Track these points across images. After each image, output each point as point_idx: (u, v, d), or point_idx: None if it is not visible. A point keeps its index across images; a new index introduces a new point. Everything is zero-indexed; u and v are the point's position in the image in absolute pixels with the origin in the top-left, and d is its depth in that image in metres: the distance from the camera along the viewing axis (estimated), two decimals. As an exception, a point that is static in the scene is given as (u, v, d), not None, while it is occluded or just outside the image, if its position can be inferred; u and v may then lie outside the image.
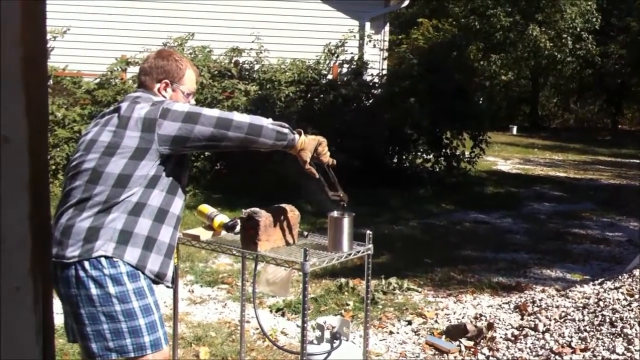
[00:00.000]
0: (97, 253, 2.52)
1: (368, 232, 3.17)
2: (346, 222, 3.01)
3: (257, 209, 3.01)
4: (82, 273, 2.51)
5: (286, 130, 2.77)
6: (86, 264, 2.51)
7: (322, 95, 11.78)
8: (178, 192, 2.72)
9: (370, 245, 3.16)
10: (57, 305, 5.12)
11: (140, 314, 2.55)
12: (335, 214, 3.05)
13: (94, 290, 2.51)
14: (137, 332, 2.55)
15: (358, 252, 3.10)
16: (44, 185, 0.87)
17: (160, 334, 2.62)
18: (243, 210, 3.12)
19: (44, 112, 0.85)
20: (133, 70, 11.42)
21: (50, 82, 10.94)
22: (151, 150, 2.60)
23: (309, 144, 2.85)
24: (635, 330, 4.32)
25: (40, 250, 0.87)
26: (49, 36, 11.34)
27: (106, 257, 2.53)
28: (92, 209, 2.57)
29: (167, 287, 2.79)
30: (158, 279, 2.66)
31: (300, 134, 2.83)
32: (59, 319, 4.92)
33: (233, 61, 12.03)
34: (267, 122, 2.73)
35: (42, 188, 0.86)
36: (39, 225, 0.86)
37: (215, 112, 2.69)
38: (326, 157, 2.93)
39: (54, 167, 9.99)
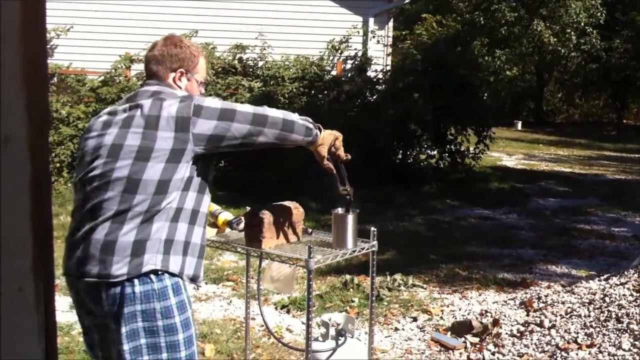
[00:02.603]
0: (146, 268, 2.38)
1: (372, 228, 3.16)
2: (350, 218, 3.00)
3: (261, 207, 3.00)
4: (129, 290, 2.37)
5: (311, 126, 2.70)
6: (135, 281, 2.37)
7: (325, 92, 11.77)
8: (206, 190, 2.59)
9: (375, 242, 3.15)
10: (60, 303, 5.11)
11: (180, 329, 2.44)
12: (339, 210, 3.04)
13: (139, 307, 2.37)
14: (175, 347, 2.44)
15: (362, 249, 3.09)
16: (45, 185, 0.87)
17: (194, 348, 2.53)
18: (247, 207, 3.11)
19: (44, 111, 0.84)
20: (137, 67, 11.45)
21: (55, 79, 10.98)
22: (187, 151, 2.44)
23: (327, 139, 2.78)
24: (641, 325, 4.31)
25: (42, 250, 0.86)
26: (52, 34, 11.39)
27: (154, 270, 2.40)
28: (133, 220, 2.39)
29: (198, 287, 2.69)
30: (193, 282, 2.56)
31: (320, 130, 2.76)
32: (62, 317, 4.94)
33: (237, 58, 12.05)
34: (297, 118, 2.65)
35: (44, 188, 0.86)
36: (40, 225, 0.85)
37: (249, 108, 2.56)
38: (342, 152, 2.86)
39: (58, 164, 10.02)
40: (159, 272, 2.40)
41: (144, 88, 2.61)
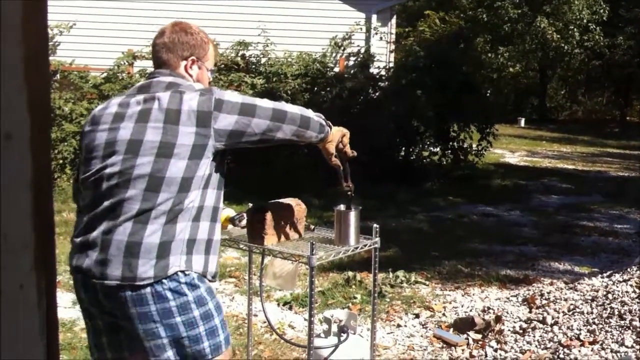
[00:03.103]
0: (172, 270, 2.31)
1: (375, 225, 3.16)
2: (353, 215, 3.00)
3: (263, 203, 3.00)
4: (159, 288, 2.30)
5: (324, 123, 2.66)
6: (164, 280, 2.31)
7: (328, 88, 11.77)
8: (222, 185, 2.53)
9: (377, 239, 3.15)
10: (63, 299, 5.10)
11: (215, 313, 2.40)
12: (341, 207, 3.04)
13: (173, 302, 2.31)
14: (213, 332, 2.39)
15: (365, 245, 3.09)
16: (46, 182, 0.87)
17: (227, 330, 2.50)
18: (250, 204, 3.11)
19: (46, 109, 0.84)
20: (140, 64, 11.45)
21: (58, 76, 11.00)
22: (208, 147, 2.36)
23: (335, 136, 2.75)
24: (644, 323, 4.31)
25: (43, 247, 0.86)
26: (55, 31, 11.40)
27: (180, 270, 2.34)
28: (157, 220, 2.30)
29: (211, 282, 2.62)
30: (213, 279, 2.50)
31: (330, 127, 2.73)
32: (65, 314, 4.95)
33: (239, 54, 12.05)
34: (312, 114, 2.62)
35: (45, 185, 0.86)
36: (41, 222, 0.85)
37: (269, 103, 2.49)
38: (348, 149, 2.83)
39: (61, 161, 10.05)
40: (185, 270, 2.35)
41: (158, 78, 2.49)
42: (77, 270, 2.39)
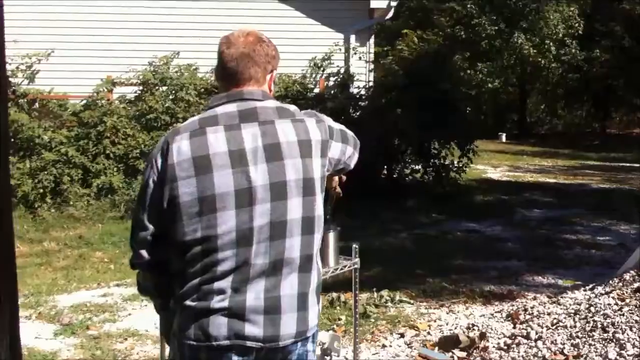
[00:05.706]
0: (319, 314, 2.23)
1: (354, 245, 3.16)
2: (331, 236, 2.99)
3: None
4: (313, 336, 2.22)
5: None
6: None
7: (309, 109, 11.78)
8: None
9: (357, 259, 3.14)
10: (45, 331, 5.03)
11: None
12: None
13: (312, 346, 2.23)
14: None
15: (345, 266, 3.08)
16: (6, 211, 0.86)
17: None
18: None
19: (4, 135, 0.84)
20: (119, 90, 11.42)
21: (36, 105, 10.95)
22: (325, 177, 2.21)
23: None
24: (627, 335, 4.32)
25: (5, 283, 0.85)
26: (33, 59, 11.36)
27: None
28: (314, 264, 2.16)
29: None
30: None
31: None
32: (46, 345, 4.88)
33: (219, 78, 12.04)
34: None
35: (4, 214, 0.85)
36: (2, 257, 0.85)
37: (348, 130, 2.39)
38: (343, 177, 2.75)
39: (41, 190, 9.96)
40: None
41: (263, 103, 2.16)
42: (236, 338, 2.06)
